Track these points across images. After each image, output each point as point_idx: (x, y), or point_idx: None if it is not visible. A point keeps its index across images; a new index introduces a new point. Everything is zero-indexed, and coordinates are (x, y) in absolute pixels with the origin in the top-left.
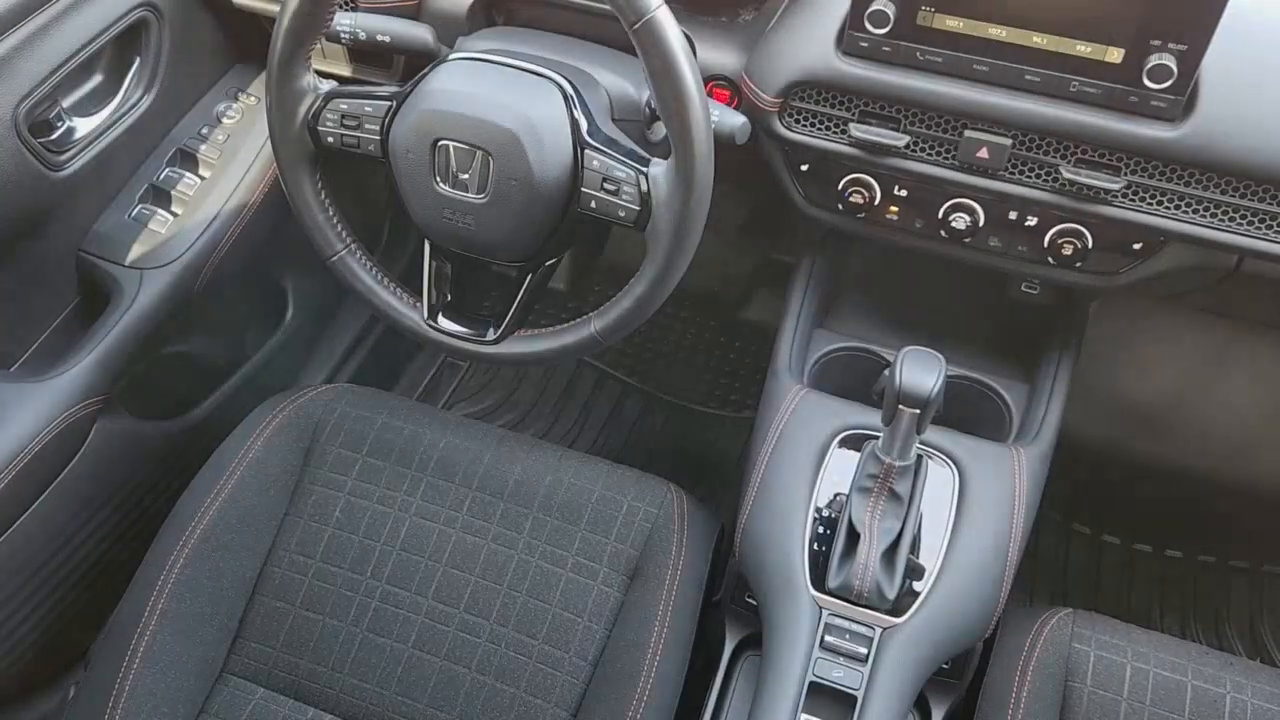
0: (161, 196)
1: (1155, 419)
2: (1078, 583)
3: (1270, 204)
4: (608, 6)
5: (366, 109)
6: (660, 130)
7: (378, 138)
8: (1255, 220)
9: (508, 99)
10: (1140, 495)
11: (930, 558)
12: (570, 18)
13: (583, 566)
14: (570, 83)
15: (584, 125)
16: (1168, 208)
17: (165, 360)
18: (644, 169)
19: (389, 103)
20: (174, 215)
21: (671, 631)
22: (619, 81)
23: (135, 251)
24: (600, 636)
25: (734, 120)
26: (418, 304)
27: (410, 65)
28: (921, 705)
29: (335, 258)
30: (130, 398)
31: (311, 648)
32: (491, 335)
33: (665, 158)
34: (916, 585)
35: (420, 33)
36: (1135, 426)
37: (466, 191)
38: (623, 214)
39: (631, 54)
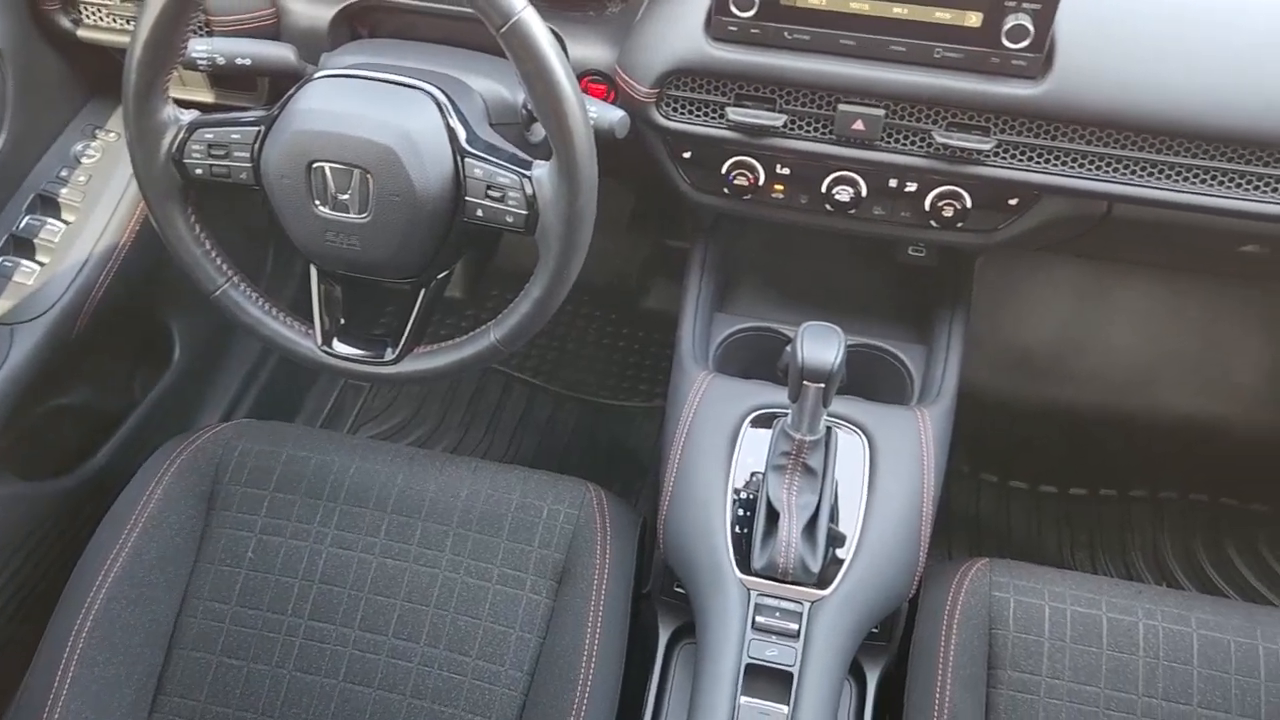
0: (24, 246)
1: (1047, 363)
2: (991, 531)
3: (1131, 150)
4: (472, 11)
5: (234, 137)
6: (540, 131)
7: (249, 165)
8: (1120, 167)
9: (381, 114)
10: (1041, 438)
11: (849, 525)
12: (436, 24)
13: (509, 577)
14: (443, 91)
15: (462, 134)
16: (1038, 162)
17: (49, 415)
18: (527, 172)
19: (257, 128)
20: (40, 265)
21: (605, 631)
22: (493, 86)
23: (2, 306)
24: (534, 645)
25: (612, 115)
26: (310, 331)
27: (276, 86)
28: (855, 671)
29: (218, 292)
30: (15, 459)
31: (239, 695)
32: (390, 355)
33: (547, 159)
34: (840, 553)
35: (282, 53)
36: (1029, 373)
37: (348, 212)
38: (511, 220)
39: (503, 56)
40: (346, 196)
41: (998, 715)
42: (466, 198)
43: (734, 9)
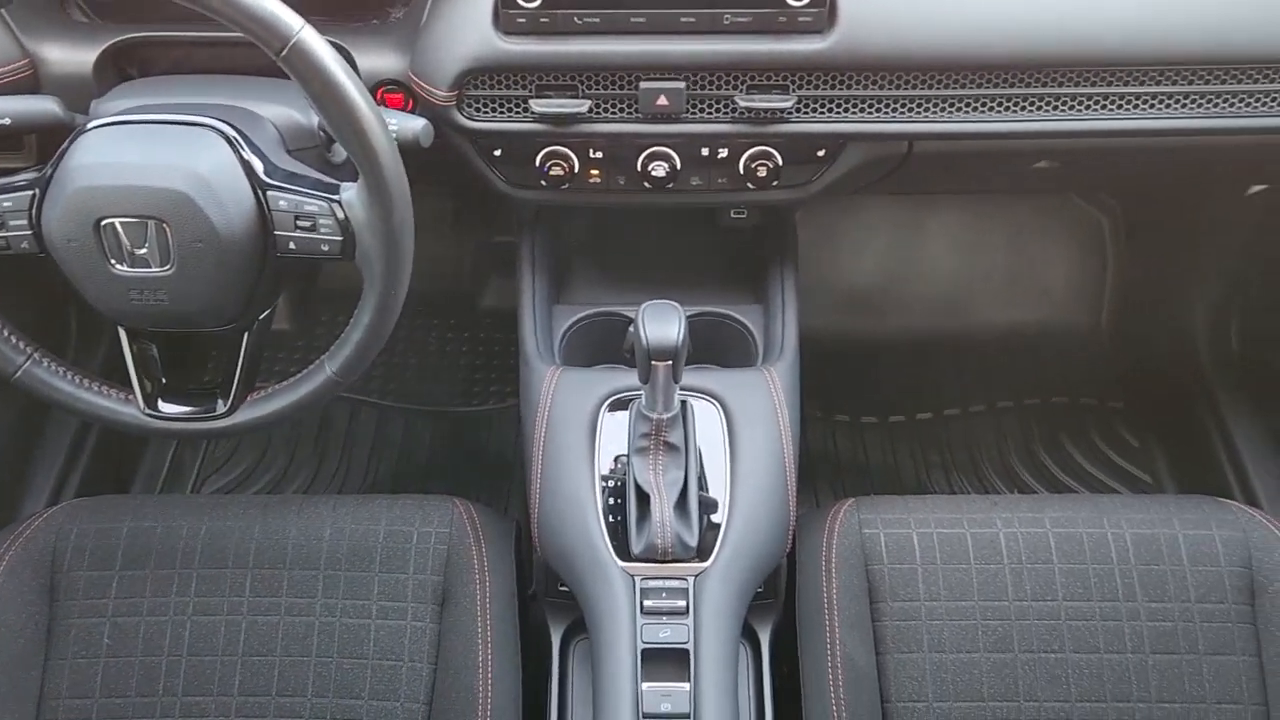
0: None
1: (877, 299)
2: (851, 469)
3: (923, 89)
4: (246, 37)
5: (5, 204)
6: (341, 151)
7: (28, 233)
8: (915, 107)
9: (167, 158)
10: (882, 371)
11: (718, 493)
12: (211, 54)
13: (389, 610)
14: (231, 125)
15: (259, 166)
16: (838, 113)
17: None
18: (335, 196)
19: (30, 191)
20: None
21: (496, 645)
22: (284, 111)
23: None
24: (427, 674)
25: (414, 124)
26: (131, 396)
27: (45, 143)
28: (748, 633)
29: (19, 373)
30: None
31: None
32: (222, 407)
33: (354, 179)
34: (715, 518)
35: (44, 106)
36: (862, 310)
37: (149, 266)
38: (326, 248)
39: (287, 78)
40: (144, 251)
41: (886, 646)
42: (275, 232)
43: (520, 1)
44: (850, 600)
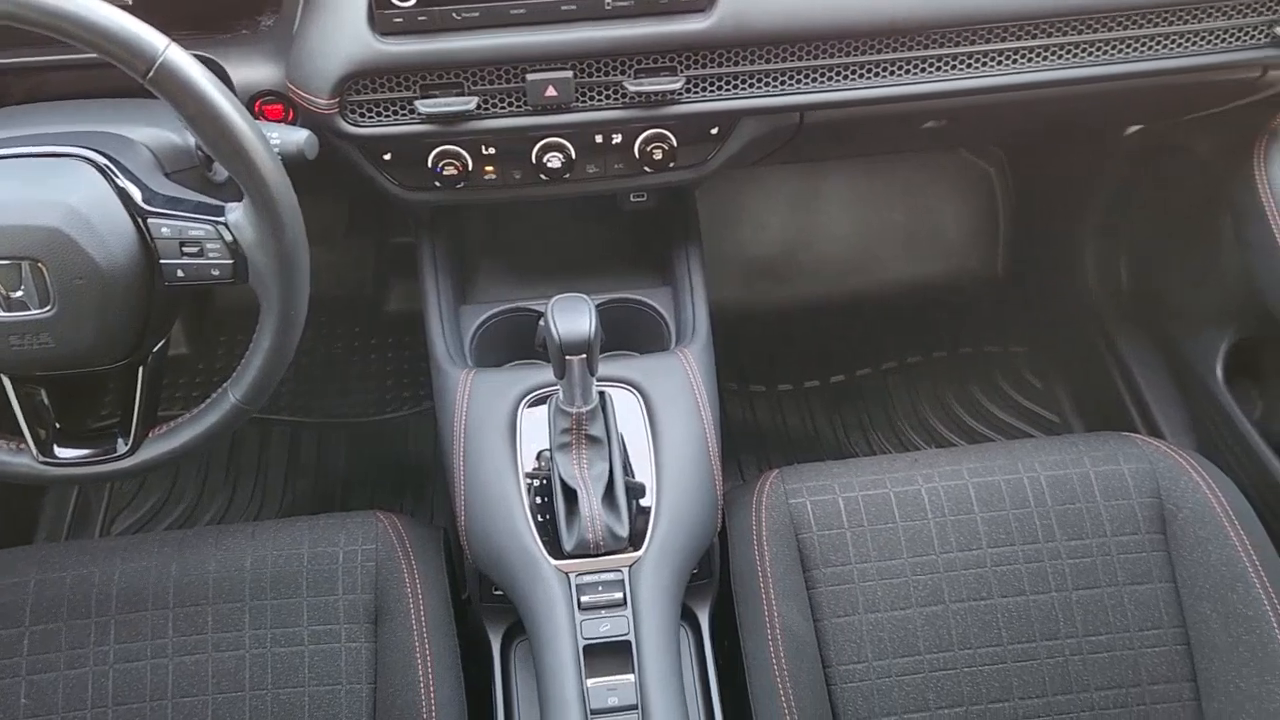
0: None
1: (782, 267)
2: (772, 438)
3: (808, 60)
4: (109, 59)
5: None
6: (223, 170)
7: None
8: (802, 78)
9: (35, 194)
10: (793, 338)
11: (644, 479)
12: (73, 79)
13: (321, 634)
14: (102, 152)
15: (137, 194)
16: (728, 89)
17: None
18: (221, 218)
19: None
20: None
21: (435, 657)
22: (157, 132)
23: None
24: (367, 695)
25: (297, 136)
26: (22, 445)
27: None
28: (687, 615)
29: None
30: None
31: None
32: (123, 447)
33: (239, 198)
34: (644, 502)
35: None
36: (769, 279)
37: (28, 309)
38: (217, 273)
39: (156, 98)
40: (21, 293)
41: (823, 612)
42: (161, 261)
43: (395, 1)
44: (784, 571)
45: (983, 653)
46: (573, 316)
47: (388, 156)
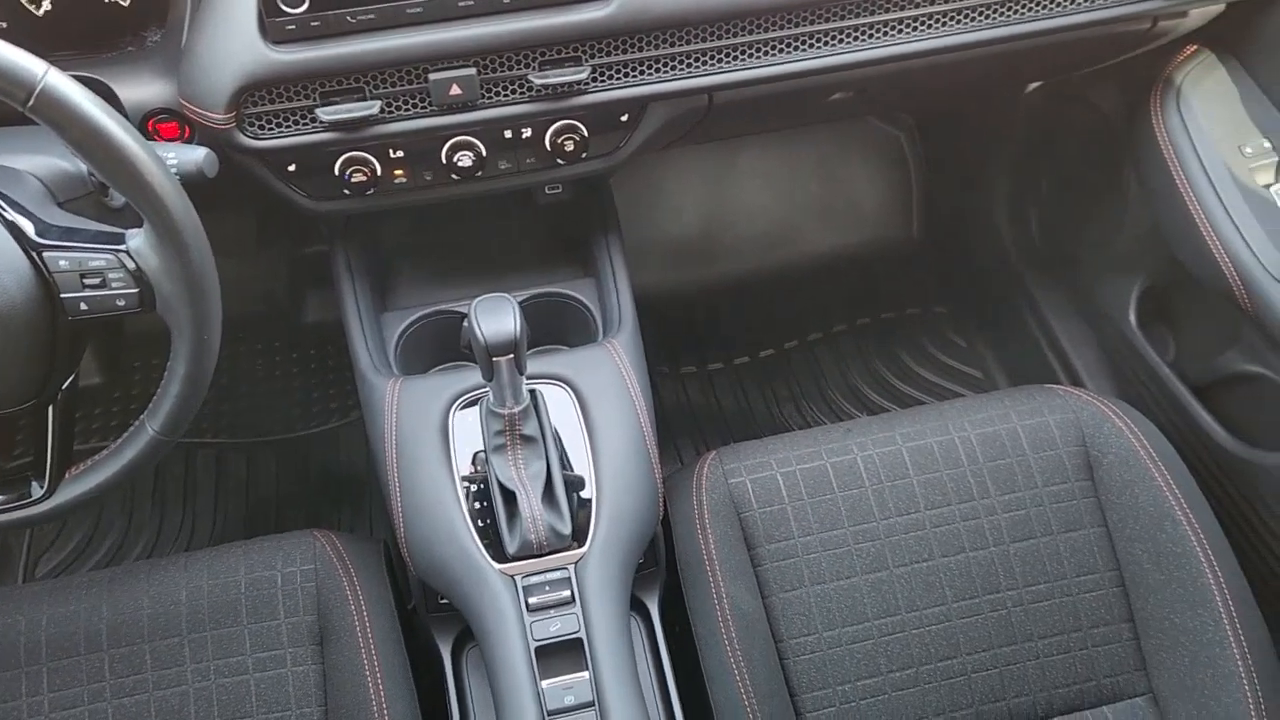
0: None
1: (703, 246)
2: (707, 418)
3: (712, 41)
4: None
5: None
6: (119, 196)
7: None
8: (707, 60)
9: None
10: (720, 316)
11: (582, 473)
12: None
13: (266, 660)
14: None
15: (29, 227)
16: (634, 76)
17: None
18: (122, 246)
19: None
20: None
21: (385, 673)
22: (45, 160)
23: None
24: (318, 718)
25: (194, 155)
26: None
27: None
28: (636, 605)
29: None
30: None
31: None
32: (39, 490)
33: (139, 224)
34: (584, 495)
35: None
36: (691, 260)
37: None
38: (123, 303)
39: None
40: None
41: (770, 588)
42: (62, 295)
43: (285, 7)
44: (729, 551)
45: (928, 613)
46: (496, 317)
47: (292, 167)
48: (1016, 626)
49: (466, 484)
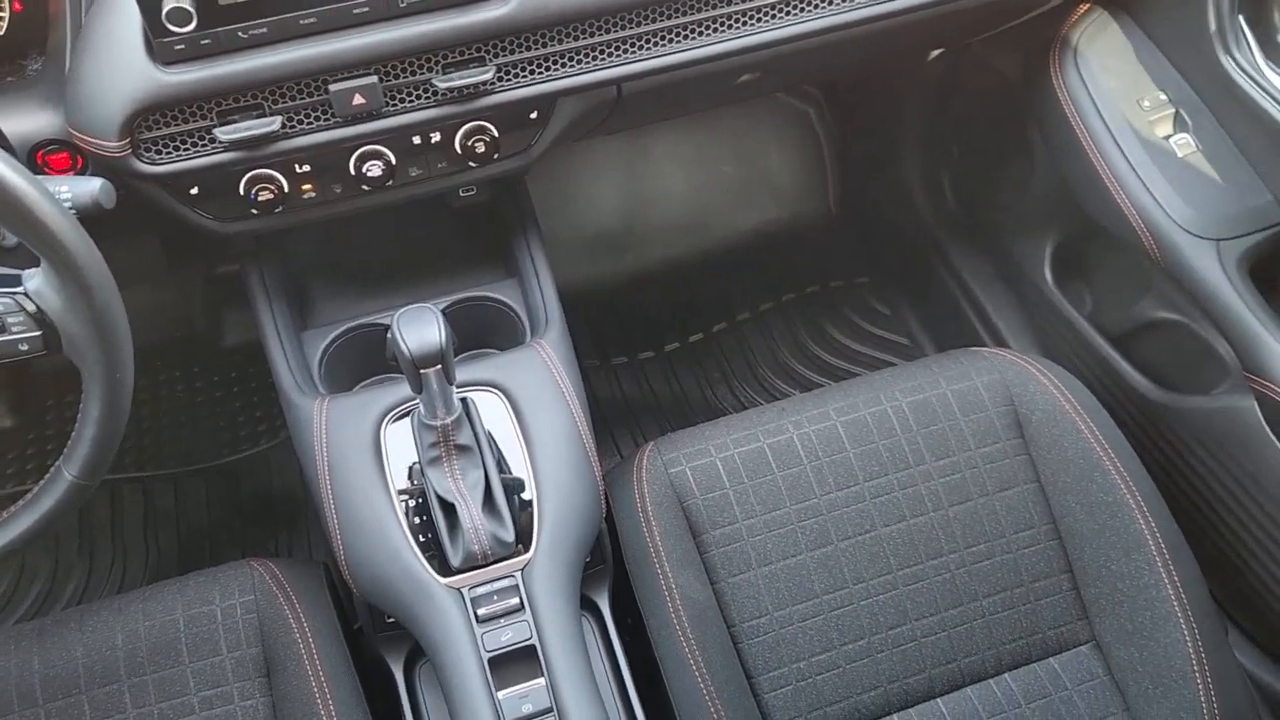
0: None
1: (624, 235)
2: (642, 408)
3: (613, 32)
4: None
5: None
6: (12, 235)
7: None
8: (611, 51)
9: None
10: (646, 304)
11: (521, 474)
12: None
13: (212, 698)
14: None
15: None
16: (540, 72)
17: None
18: (19, 288)
19: None
20: None
21: (337, 700)
22: None
23: None
24: None
25: (89, 187)
26: None
27: None
28: (588, 605)
29: None
30: None
31: None
32: None
33: (36, 263)
34: (525, 496)
35: None
36: (613, 249)
37: None
38: (25, 347)
39: None
40: None
41: (718, 574)
42: None
43: (172, 27)
44: (674, 541)
45: (875, 583)
46: (420, 328)
47: (195, 190)
48: (961, 588)
49: (405, 498)
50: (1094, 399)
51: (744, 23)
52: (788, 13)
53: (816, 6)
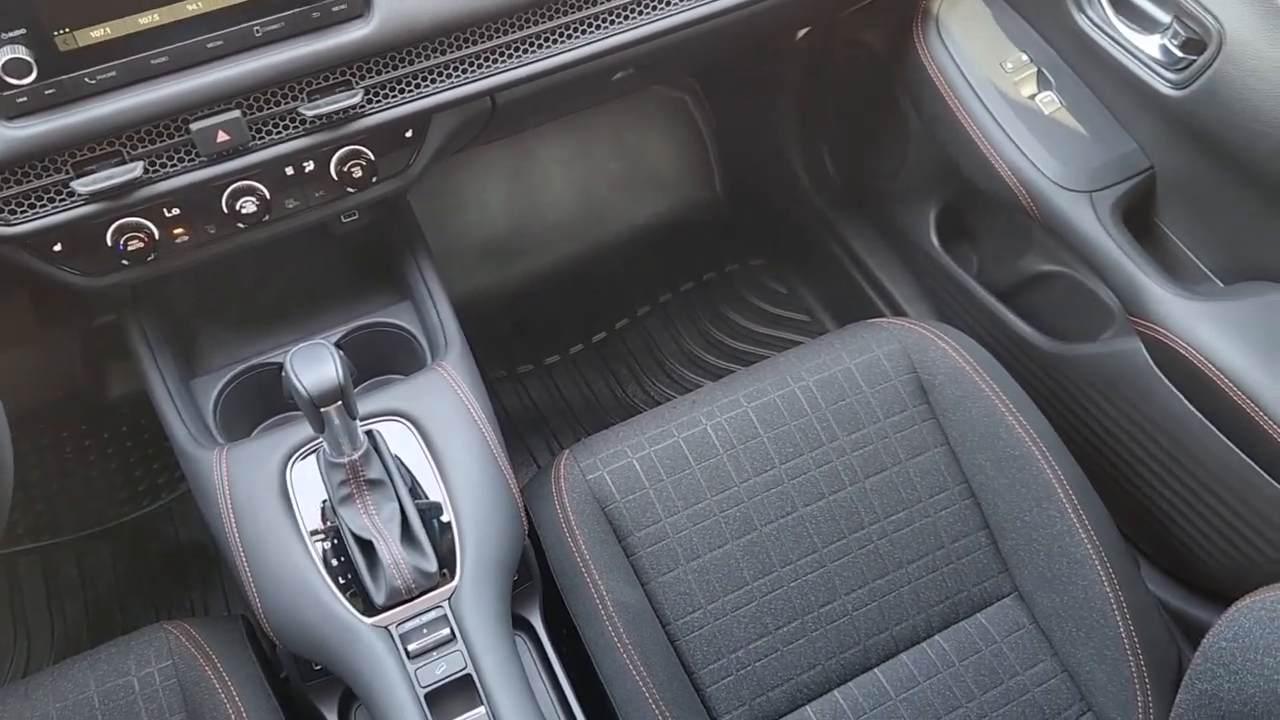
0: None
1: (516, 240)
2: (554, 414)
3: (481, 43)
4: None
5: None
6: None
7: None
8: (480, 62)
9: None
10: (545, 308)
11: (437, 498)
12: None
13: None
14: None
15: None
16: (410, 90)
17: None
18: None
19: None
20: None
21: None
22: None
23: None
24: None
25: None
26: None
27: None
28: (521, 624)
29: None
30: None
31: None
32: None
33: None
34: (444, 518)
35: None
36: (506, 256)
37: None
38: None
39: None
40: None
41: (648, 575)
42: None
43: (10, 79)
44: (600, 548)
45: (802, 564)
46: (315, 366)
47: (58, 247)
48: (886, 557)
49: (320, 540)
50: (991, 357)
51: (611, 22)
52: (653, 8)
53: (680, 0)
